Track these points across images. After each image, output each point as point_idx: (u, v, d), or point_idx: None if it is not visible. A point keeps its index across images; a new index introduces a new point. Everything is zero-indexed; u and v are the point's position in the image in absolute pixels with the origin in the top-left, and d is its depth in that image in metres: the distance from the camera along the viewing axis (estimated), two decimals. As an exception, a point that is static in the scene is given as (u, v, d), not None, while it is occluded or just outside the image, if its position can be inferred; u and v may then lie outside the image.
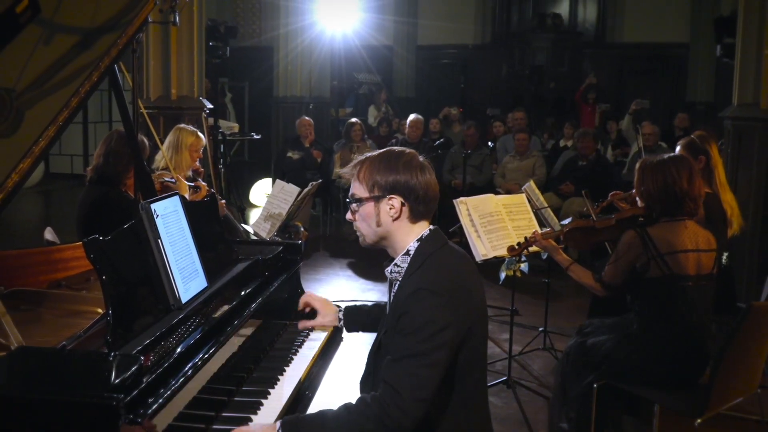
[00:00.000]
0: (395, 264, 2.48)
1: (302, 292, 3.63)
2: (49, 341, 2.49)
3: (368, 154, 2.51)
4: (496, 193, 6.63)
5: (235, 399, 2.65)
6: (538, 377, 5.30)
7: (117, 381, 1.95)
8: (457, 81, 17.11)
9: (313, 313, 3.21)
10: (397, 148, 2.52)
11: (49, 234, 4.43)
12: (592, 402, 3.82)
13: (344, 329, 3.15)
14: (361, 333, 3.13)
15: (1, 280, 2.99)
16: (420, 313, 2.28)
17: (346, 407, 2.32)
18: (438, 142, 9.93)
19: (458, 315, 2.32)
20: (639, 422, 4.23)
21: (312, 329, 3.23)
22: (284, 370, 2.94)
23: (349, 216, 2.54)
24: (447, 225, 2.57)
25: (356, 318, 3.08)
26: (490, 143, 10.42)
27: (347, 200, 2.54)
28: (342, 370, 4.67)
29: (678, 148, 5.02)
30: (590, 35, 16.47)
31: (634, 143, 9.92)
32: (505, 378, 4.96)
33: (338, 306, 3.20)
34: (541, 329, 5.90)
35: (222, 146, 9.08)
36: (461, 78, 17.18)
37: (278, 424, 2.29)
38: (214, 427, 2.43)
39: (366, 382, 2.67)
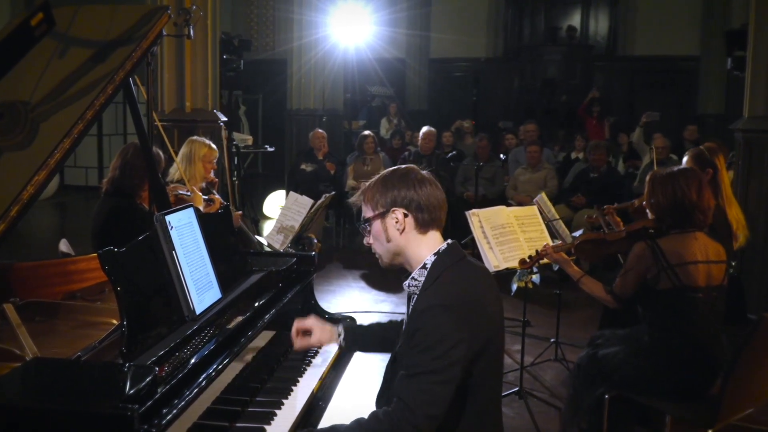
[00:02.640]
0: (413, 278, 2.48)
1: (315, 303, 3.65)
2: (63, 352, 2.50)
3: (370, 181, 2.56)
4: (508, 204, 6.62)
5: (249, 409, 2.66)
6: (550, 388, 5.28)
7: (131, 392, 1.95)
8: (469, 94, 17.11)
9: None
10: (394, 167, 2.57)
11: (64, 246, 4.45)
12: (604, 413, 3.80)
13: (346, 350, 3.12)
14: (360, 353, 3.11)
15: (17, 292, 2.99)
16: (433, 330, 2.27)
17: (359, 422, 2.32)
18: (450, 154, 9.94)
19: (473, 330, 2.31)
20: (651, 433, 4.20)
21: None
22: (298, 381, 2.95)
23: (365, 241, 2.59)
24: (459, 237, 2.58)
25: (356, 337, 3.03)
26: (502, 155, 10.43)
27: (358, 224, 2.60)
28: (355, 381, 4.66)
29: (685, 159, 5.00)
30: (601, 48, 16.46)
31: (645, 155, 9.90)
32: (517, 389, 4.94)
33: (341, 316, 3.17)
34: (552, 340, 5.88)
35: (236, 158, 9.11)
36: (473, 91, 17.18)
37: None
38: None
39: (382, 397, 2.68)
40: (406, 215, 2.45)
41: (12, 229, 2.61)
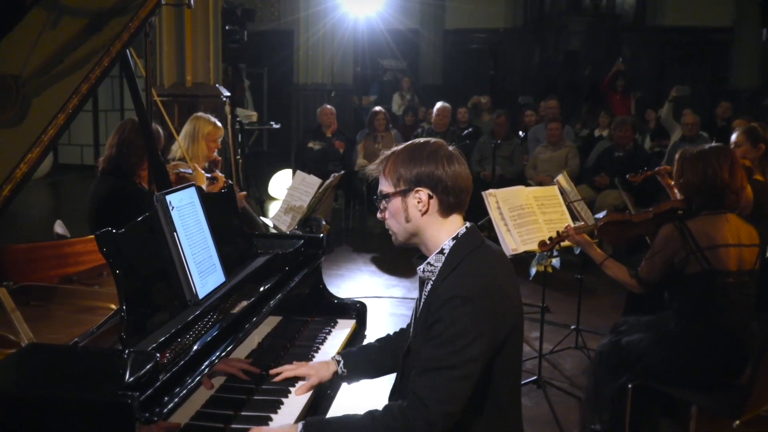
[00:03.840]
0: (428, 263, 2.45)
1: (324, 288, 3.66)
2: (60, 338, 2.52)
3: (394, 149, 2.49)
4: (527, 185, 6.62)
5: (255, 398, 2.68)
6: (570, 377, 5.30)
7: (132, 379, 1.97)
8: (486, 67, 17.08)
9: None
10: (422, 139, 2.49)
11: (59, 227, 4.47)
12: (627, 403, 3.82)
13: (347, 379, 2.88)
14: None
15: (10, 275, 3.02)
16: (453, 323, 2.25)
17: (372, 415, 2.31)
18: (466, 131, 9.94)
19: (494, 323, 2.29)
20: (675, 424, 4.22)
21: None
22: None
23: (379, 214, 2.52)
24: (475, 218, 2.58)
25: (358, 361, 2.84)
26: (521, 133, 10.41)
27: (374, 198, 2.52)
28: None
29: (735, 134, 5.01)
30: (629, 18, 16.36)
31: (674, 132, 9.86)
32: (535, 378, 4.97)
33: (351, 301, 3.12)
34: (573, 327, 5.89)
35: (240, 136, 9.13)
36: (491, 64, 17.15)
37: (300, 425, 2.29)
38: (233, 426, 2.46)
39: (396, 390, 2.67)
40: (431, 197, 2.40)
41: (5, 210, 2.64)
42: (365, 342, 3.34)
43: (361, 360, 2.85)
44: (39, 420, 1.94)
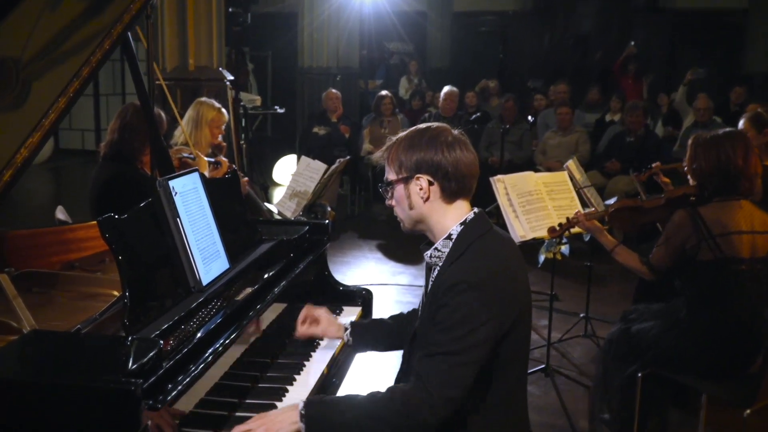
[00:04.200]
0: (435, 248, 2.46)
1: (329, 275, 3.68)
2: (62, 325, 2.54)
3: (397, 136, 2.51)
4: (536, 170, 6.61)
5: (260, 385, 2.71)
6: (578, 365, 5.32)
7: (135, 366, 1.99)
8: (495, 51, 16.98)
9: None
10: (424, 125, 2.50)
11: (60, 213, 4.48)
12: (636, 392, 3.84)
13: (352, 349, 3.08)
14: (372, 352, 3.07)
15: (12, 262, 3.04)
16: (459, 308, 2.26)
17: (373, 396, 2.33)
18: (474, 116, 9.91)
19: (501, 309, 2.30)
20: (685, 413, 4.24)
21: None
22: (311, 356, 3.00)
23: (387, 202, 2.55)
24: (483, 204, 2.57)
25: (365, 333, 3.00)
26: (530, 118, 10.37)
27: (379, 186, 2.55)
28: (372, 358, 4.71)
29: (742, 121, 5.01)
30: (640, 0, 16.26)
31: (687, 117, 9.83)
32: (543, 366, 4.99)
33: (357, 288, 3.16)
34: (582, 315, 5.91)
35: (243, 121, 9.13)
36: (500, 47, 17.06)
37: (301, 404, 2.31)
38: (238, 414, 2.48)
39: (402, 377, 2.68)
40: (431, 183, 2.41)
41: (5, 195, 2.65)
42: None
43: (369, 333, 2.97)
44: (41, 407, 1.95)
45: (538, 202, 4.84)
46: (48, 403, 1.95)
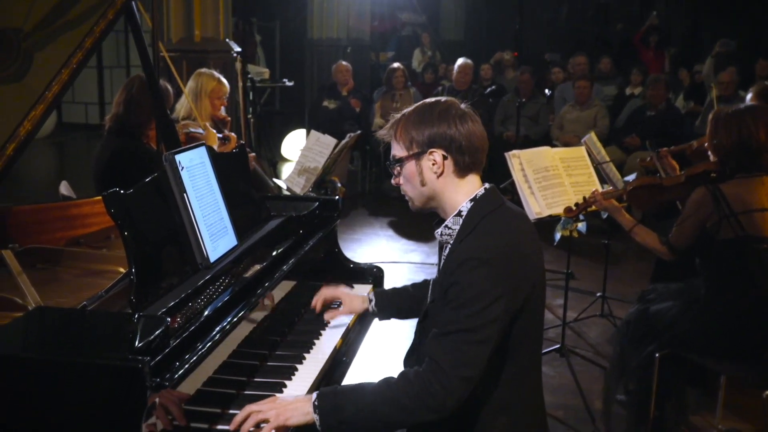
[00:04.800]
0: (446, 226, 2.47)
1: (339, 252, 3.69)
2: (68, 302, 2.58)
3: (403, 111, 2.50)
4: (553, 146, 6.61)
5: (269, 363, 2.73)
6: (594, 345, 5.35)
7: (142, 343, 2.00)
8: (511, 21, 16.91)
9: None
10: (432, 99, 2.51)
11: (64, 188, 4.51)
12: (653, 373, 3.85)
13: (377, 317, 3.14)
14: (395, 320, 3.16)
15: (16, 237, 3.06)
16: (470, 285, 2.26)
17: (387, 382, 2.33)
18: (489, 90, 9.88)
19: (513, 285, 2.31)
20: (703, 394, 4.26)
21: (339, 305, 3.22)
22: (320, 335, 3.02)
23: (393, 180, 2.55)
24: (498, 181, 2.57)
25: (388, 301, 3.07)
26: (547, 91, 10.35)
27: (387, 163, 2.54)
28: (382, 337, 4.75)
29: (749, 95, 4.99)
30: (663, -31, 16.17)
31: (712, 91, 9.78)
32: (558, 346, 5.01)
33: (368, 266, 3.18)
34: (598, 294, 5.92)
35: (251, 94, 9.13)
36: (516, 18, 16.98)
37: (314, 395, 2.31)
38: (246, 392, 2.51)
39: (411, 357, 2.70)
40: (445, 157, 2.41)
41: (9, 169, 2.68)
42: None
43: (392, 302, 3.05)
44: (47, 384, 1.98)
45: (555, 179, 4.84)
46: (53, 380, 1.98)
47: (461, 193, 2.45)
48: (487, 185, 2.48)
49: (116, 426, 1.95)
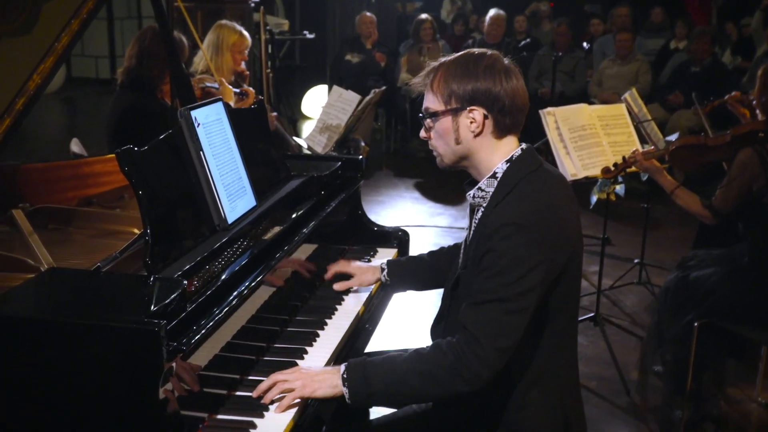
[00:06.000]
0: (479, 188, 2.44)
1: (363, 214, 3.71)
2: (81, 264, 2.61)
3: (443, 59, 2.45)
4: (591, 103, 6.58)
5: (288, 329, 2.77)
6: (631, 314, 5.37)
7: (158, 306, 2.04)
8: (548, -31, 16.76)
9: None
10: (476, 50, 2.45)
11: (75, 146, 4.55)
12: (692, 343, 3.86)
13: (390, 288, 3.15)
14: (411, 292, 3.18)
15: (26, 197, 3.11)
16: (506, 252, 2.25)
17: (418, 353, 2.34)
18: (523, 43, 9.84)
19: (551, 252, 2.29)
20: (743, 366, 4.28)
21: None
22: (342, 300, 3.06)
23: (422, 134, 2.50)
24: (531, 140, 2.56)
25: (403, 271, 3.06)
26: (585, 45, 10.28)
27: (420, 115, 2.50)
28: (407, 304, 4.78)
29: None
30: None
31: (761, 46, 9.68)
32: (592, 314, 5.03)
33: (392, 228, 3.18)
34: (636, 261, 5.94)
35: (270, 47, 9.13)
36: (553, -35, 16.82)
37: (342, 367, 2.33)
38: (266, 358, 2.56)
39: (438, 325, 2.71)
40: (486, 117, 2.37)
41: (18, 125, 2.71)
42: None
43: (407, 272, 3.04)
44: (60, 347, 2.01)
45: (592, 138, 4.83)
46: (67, 342, 2.01)
47: (497, 153, 2.42)
48: (523, 145, 2.45)
49: (132, 391, 1.98)
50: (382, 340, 3.68)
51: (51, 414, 2.05)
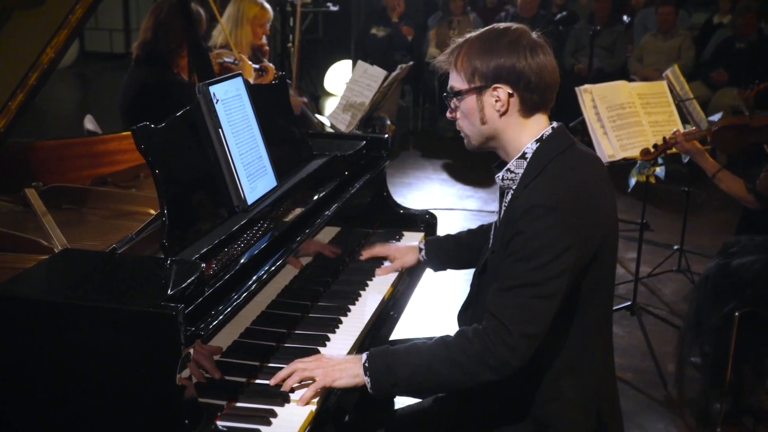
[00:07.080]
0: (508, 169, 2.45)
1: (388, 196, 3.72)
2: (95, 245, 2.64)
3: (468, 36, 2.44)
4: (630, 80, 6.56)
5: (310, 315, 2.79)
6: (669, 303, 5.37)
7: (175, 290, 2.06)
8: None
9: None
10: (501, 25, 2.45)
11: (89, 123, 4.59)
12: (732, 333, 3.85)
13: (429, 267, 3.22)
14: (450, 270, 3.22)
15: (39, 175, 3.14)
16: (536, 235, 2.25)
17: (443, 340, 2.35)
18: (559, 16, 9.80)
19: (583, 235, 2.29)
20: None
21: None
22: (366, 285, 3.07)
23: (449, 114, 2.51)
24: (567, 119, 2.55)
25: (440, 250, 3.13)
26: (625, 18, 10.22)
27: (444, 95, 2.51)
28: (434, 290, 4.80)
29: None
30: None
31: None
32: (629, 303, 5.02)
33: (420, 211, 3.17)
34: (676, 248, 5.92)
35: (291, 20, 9.14)
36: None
37: (364, 356, 2.35)
38: (286, 345, 2.58)
39: (466, 312, 2.72)
40: (511, 95, 2.37)
41: (31, 100, 2.73)
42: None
43: (444, 250, 3.13)
44: (74, 330, 2.03)
45: (631, 117, 4.81)
46: (81, 326, 2.03)
47: (526, 133, 2.42)
48: (554, 124, 2.45)
49: (148, 377, 2.00)
50: (408, 327, 3.70)
51: (63, 399, 2.07)
